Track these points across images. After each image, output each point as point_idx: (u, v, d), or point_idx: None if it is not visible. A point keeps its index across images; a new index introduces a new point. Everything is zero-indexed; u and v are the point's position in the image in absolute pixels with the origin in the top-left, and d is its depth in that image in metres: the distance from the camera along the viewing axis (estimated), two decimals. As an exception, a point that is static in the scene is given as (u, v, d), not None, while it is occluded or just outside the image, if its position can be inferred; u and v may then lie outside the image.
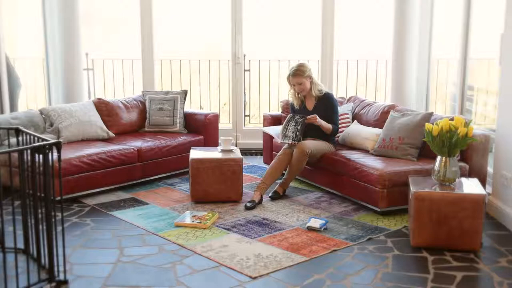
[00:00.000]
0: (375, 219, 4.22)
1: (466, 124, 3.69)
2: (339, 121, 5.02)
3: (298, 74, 4.78)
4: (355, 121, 5.27)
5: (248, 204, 4.47)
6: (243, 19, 6.51)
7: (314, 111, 4.84)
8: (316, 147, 4.74)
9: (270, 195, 4.73)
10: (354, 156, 4.61)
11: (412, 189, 3.68)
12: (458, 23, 5.25)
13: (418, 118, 4.53)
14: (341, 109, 5.29)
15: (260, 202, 4.56)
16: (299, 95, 4.93)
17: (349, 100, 5.66)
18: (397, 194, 4.21)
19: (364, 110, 5.30)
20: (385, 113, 4.99)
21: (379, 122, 5.00)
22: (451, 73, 5.98)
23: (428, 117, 4.52)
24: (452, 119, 3.78)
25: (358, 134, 4.94)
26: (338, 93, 6.81)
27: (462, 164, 4.31)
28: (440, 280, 3.19)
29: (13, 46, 5.74)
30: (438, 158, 3.76)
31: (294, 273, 3.29)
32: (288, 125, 4.72)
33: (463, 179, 3.93)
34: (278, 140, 4.85)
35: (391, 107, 5.04)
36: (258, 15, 6.93)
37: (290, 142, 4.68)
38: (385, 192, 4.18)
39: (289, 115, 4.82)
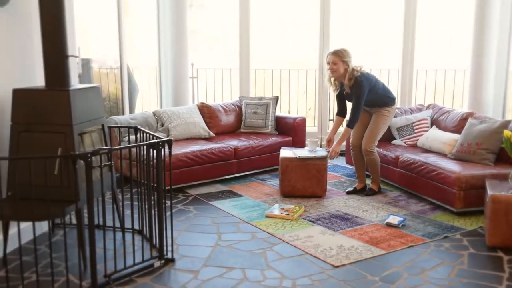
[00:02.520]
0: (451, 218, 4.03)
1: (546, 132, 3.44)
2: (417, 127, 4.87)
3: (337, 54, 4.41)
4: (434, 126, 5.07)
5: (349, 189, 4.75)
6: (330, 33, 6.45)
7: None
8: (375, 133, 4.55)
9: (365, 192, 4.69)
10: (432, 159, 4.43)
11: (489, 192, 3.48)
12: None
13: (496, 125, 4.29)
14: (420, 115, 5.22)
15: (361, 189, 4.74)
16: (333, 80, 4.55)
17: (428, 107, 5.47)
18: (473, 196, 4.01)
19: (443, 117, 5.09)
20: (463, 119, 4.78)
21: (457, 128, 4.79)
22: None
23: (506, 124, 4.26)
24: (531, 127, 3.54)
25: (436, 138, 4.75)
26: (417, 101, 6.57)
27: (540, 170, 4.02)
28: (515, 279, 3.00)
29: (133, 57, 6.05)
30: (516, 163, 3.54)
31: (374, 264, 3.22)
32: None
33: (541, 184, 3.67)
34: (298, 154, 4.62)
35: (469, 114, 4.81)
36: (343, 28, 6.83)
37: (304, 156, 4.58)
38: (461, 193, 3.99)
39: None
